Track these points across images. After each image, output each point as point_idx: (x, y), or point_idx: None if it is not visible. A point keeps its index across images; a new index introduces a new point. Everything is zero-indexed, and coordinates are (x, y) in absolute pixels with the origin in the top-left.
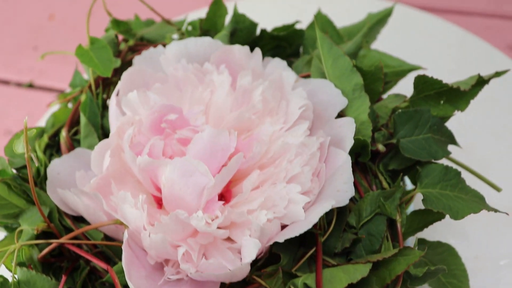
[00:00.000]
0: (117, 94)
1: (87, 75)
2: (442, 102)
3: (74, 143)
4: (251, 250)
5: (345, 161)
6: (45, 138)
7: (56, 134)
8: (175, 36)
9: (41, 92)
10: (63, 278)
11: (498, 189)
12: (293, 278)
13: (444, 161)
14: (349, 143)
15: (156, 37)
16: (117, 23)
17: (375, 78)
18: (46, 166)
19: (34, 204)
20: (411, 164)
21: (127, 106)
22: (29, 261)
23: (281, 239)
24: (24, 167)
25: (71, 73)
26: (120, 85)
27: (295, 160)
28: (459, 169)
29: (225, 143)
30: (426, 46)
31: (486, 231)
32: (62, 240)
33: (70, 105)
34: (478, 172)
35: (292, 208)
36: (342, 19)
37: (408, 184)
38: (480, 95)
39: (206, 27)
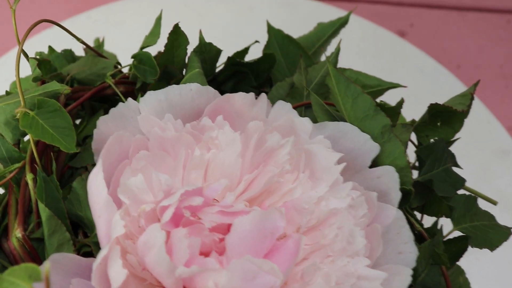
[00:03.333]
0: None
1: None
2: (438, 124)
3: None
4: None
5: (397, 218)
6: None
7: None
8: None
9: None
10: None
11: (494, 203)
12: None
13: None
14: (396, 195)
15: (92, 78)
16: (44, 65)
17: (394, 113)
18: None
19: None
20: (430, 197)
21: (125, 193)
22: None
23: None
24: None
25: None
26: (100, 163)
27: (347, 227)
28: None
29: (274, 226)
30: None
31: None
32: None
33: None
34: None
35: (365, 286)
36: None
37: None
38: None
39: (163, 61)
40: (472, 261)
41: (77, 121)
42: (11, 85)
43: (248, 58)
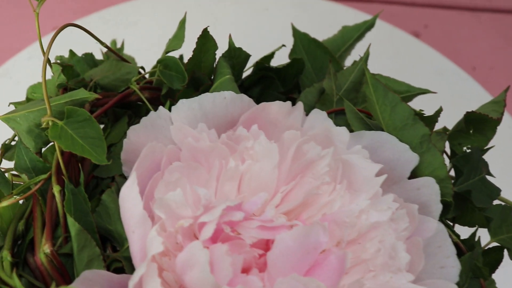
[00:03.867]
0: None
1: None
2: (471, 131)
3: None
4: None
5: (439, 231)
6: (8, 256)
7: (20, 241)
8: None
9: None
10: None
11: None
12: None
13: None
14: (437, 208)
15: (116, 83)
16: (67, 71)
17: (431, 122)
18: None
19: None
20: (465, 208)
21: (162, 208)
22: None
23: None
24: None
25: None
26: (134, 175)
27: (388, 241)
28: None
29: (317, 241)
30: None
31: None
32: None
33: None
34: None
35: None
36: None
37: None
38: None
39: (190, 67)
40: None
41: None
42: (29, 90)
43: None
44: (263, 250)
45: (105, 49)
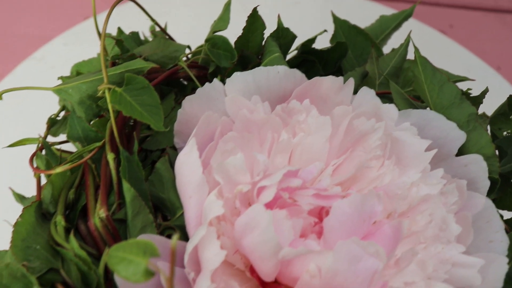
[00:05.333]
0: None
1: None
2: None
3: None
4: None
5: (487, 206)
6: (61, 221)
7: (69, 211)
8: (185, 58)
9: None
10: None
11: None
12: None
13: None
14: (484, 184)
15: (164, 60)
16: (119, 45)
17: (476, 103)
18: (90, 268)
19: None
20: (507, 190)
21: (221, 173)
22: None
23: None
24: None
25: None
26: (194, 141)
27: (438, 214)
28: None
29: (373, 210)
30: None
31: None
32: None
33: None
34: None
35: (460, 272)
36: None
37: None
38: None
39: (239, 46)
40: None
41: None
42: (73, 68)
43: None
44: (316, 218)
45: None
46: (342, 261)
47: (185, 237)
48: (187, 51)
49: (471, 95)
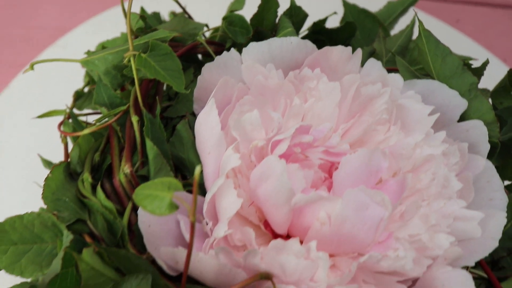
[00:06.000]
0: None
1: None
2: None
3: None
4: (464, 282)
5: (487, 167)
6: (88, 177)
7: (94, 173)
8: (205, 34)
9: None
10: None
11: None
12: None
13: None
14: (485, 147)
15: (184, 37)
16: (143, 20)
17: (478, 74)
18: (116, 217)
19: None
20: (508, 159)
21: (238, 130)
22: None
23: (471, 262)
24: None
25: None
26: (213, 101)
27: (441, 173)
28: None
29: (379, 164)
30: None
31: None
32: None
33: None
34: None
35: (462, 226)
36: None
37: None
38: None
39: (254, 23)
40: None
41: None
42: (99, 47)
43: None
44: (326, 173)
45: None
46: (350, 208)
47: (203, 194)
48: (205, 29)
49: (472, 66)
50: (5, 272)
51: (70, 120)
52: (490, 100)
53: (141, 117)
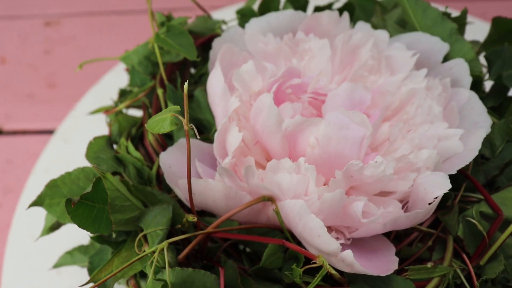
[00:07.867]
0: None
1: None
2: (506, 44)
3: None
4: (441, 182)
5: (470, 96)
6: (124, 141)
7: (132, 138)
8: (223, 27)
9: (12, 137)
10: (221, 271)
11: None
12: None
13: None
14: (467, 80)
15: (204, 31)
16: (167, 18)
17: (460, 24)
18: (143, 164)
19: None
20: (504, 98)
21: (238, 81)
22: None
23: (453, 170)
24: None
25: (40, 114)
26: (218, 63)
27: (425, 104)
28: None
29: (362, 97)
30: None
31: None
32: (211, 230)
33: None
34: None
35: (446, 144)
36: None
37: None
38: None
39: (261, 11)
40: None
41: (192, 70)
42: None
43: None
44: (317, 110)
45: None
46: (333, 128)
47: None
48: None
49: (451, 15)
50: (58, 220)
51: None
52: (483, 53)
53: (165, 90)
